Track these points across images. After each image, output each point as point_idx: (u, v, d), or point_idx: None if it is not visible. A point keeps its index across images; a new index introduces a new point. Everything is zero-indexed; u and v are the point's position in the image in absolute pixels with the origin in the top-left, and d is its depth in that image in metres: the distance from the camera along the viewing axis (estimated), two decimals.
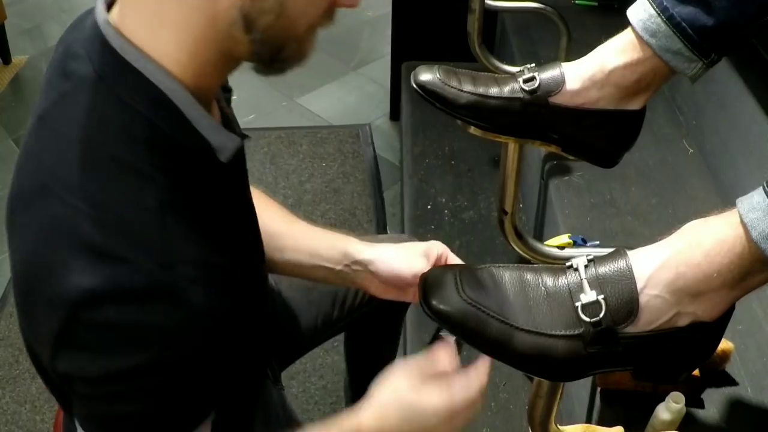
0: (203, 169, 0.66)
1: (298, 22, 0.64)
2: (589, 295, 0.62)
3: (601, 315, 0.61)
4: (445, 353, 0.78)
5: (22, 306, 0.67)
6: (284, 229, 1.01)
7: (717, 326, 0.64)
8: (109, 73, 0.63)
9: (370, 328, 0.92)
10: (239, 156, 0.74)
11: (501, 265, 0.67)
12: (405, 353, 1.54)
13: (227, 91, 0.82)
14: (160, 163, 0.62)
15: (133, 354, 0.60)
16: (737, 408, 0.98)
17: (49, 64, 0.69)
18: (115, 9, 0.65)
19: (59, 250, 0.60)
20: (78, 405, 0.68)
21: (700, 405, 0.98)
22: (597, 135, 0.86)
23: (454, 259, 0.94)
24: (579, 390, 1.17)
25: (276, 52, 0.66)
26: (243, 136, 0.73)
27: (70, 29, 0.69)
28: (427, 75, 0.88)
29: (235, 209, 0.76)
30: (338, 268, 0.97)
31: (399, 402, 0.76)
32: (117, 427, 0.66)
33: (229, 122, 0.75)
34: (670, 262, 0.61)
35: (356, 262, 0.96)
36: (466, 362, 0.74)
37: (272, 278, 1.19)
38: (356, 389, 1.51)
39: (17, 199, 0.65)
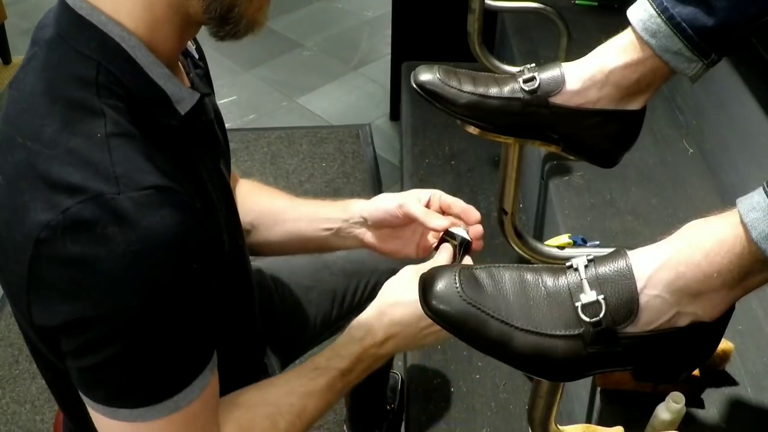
0: (162, 116, 0.69)
1: None
2: (589, 295, 0.62)
3: (601, 315, 0.61)
4: (444, 256, 0.89)
5: (4, 275, 0.67)
6: (285, 204, 1.07)
7: (717, 326, 0.64)
8: (67, 29, 0.67)
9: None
10: (204, 117, 0.78)
11: (501, 265, 0.67)
12: (404, 355, 1.55)
13: (198, 67, 0.84)
14: (110, 102, 0.65)
15: (101, 289, 0.61)
16: (737, 408, 0.99)
17: None
18: None
19: (22, 194, 0.62)
20: (72, 368, 0.68)
21: (700, 405, 0.98)
22: (597, 135, 0.86)
23: (448, 200, 0.99)
24: (579, 390, 1.17)
25: (227, 10, 0.69)
26: (205, 94, 0.75)
27: (47, 11, 0.73)
28: (427, 75, 0.88)
29: (201, 165, 0.77)
30: (337, 226, 1.02)
31: (401, 300, 0.86)
32: (113, 379, 0.66)
33: (203, 98, 0.77)
34: (670, 262, 0.61)
35: (353, 216, 1.01)
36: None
37: (270, 277, 1.20)
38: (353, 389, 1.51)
39: None
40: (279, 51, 3.20)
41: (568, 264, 0.65)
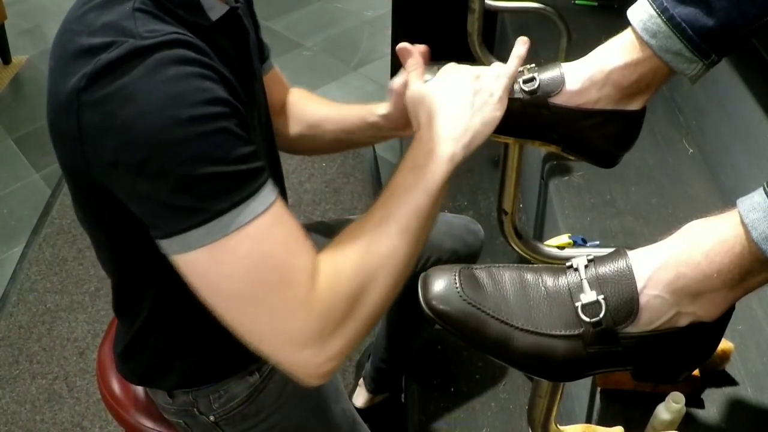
0: (194, 16, 0.79)
1: None
2: (589, 295, 0.62)
3: (601, 315, 0.61)
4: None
5: (61, 143, 0.77)
6: (334, 106, 1.19)
7: (717, 326, 0.64)
8: None
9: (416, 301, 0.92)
10: (238, 31, 0.89)
11: (501, 265, 0.67)
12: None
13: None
14: None
15: (132, 114, 0.69)
16: (737, 408, 0.99)
17: None
18: None
19: (68, 64, 0.73)
20: (136, 209, 0.75)
21: (700, 405, 0.98)
22: (597, 135, 0.86)
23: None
24: (579, 390, 1.17)
25: None
26: (234, 8, 0.86)
27: None
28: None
29: (232, 68, 0.84)
30: (374, 120, 1.09)
31: (423, 106, 0.84)
32: (172, 202, 0.71)
33: (236, 11, 0.87)
34: (670, 262, 0.61)
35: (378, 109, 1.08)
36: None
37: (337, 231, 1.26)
38: (388, 351, 1.55)
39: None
40: (279, 51, 3.20)
41: (568, 264, 0.65)
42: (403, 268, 0.80)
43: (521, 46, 0.88)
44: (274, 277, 0.73)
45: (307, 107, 1.21)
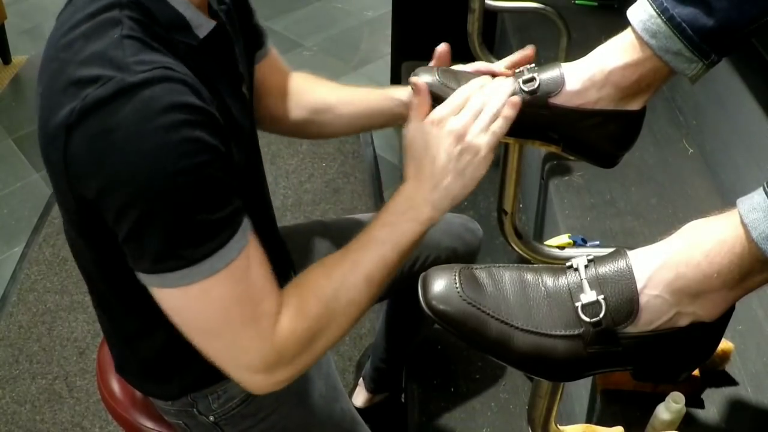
0: (182, 36, 0.79)
1: None
2: (589, 295, 0.62)
3: (601, 315, 0.61)
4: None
5: (50, 168, 0.76)
6: (341, 94, 1.18)
7: (717, 326, 0.64)
8: None
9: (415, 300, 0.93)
10: (225, 44, 0.88)
11: (501, 265, 0.67)
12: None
13: (223, 3, 0.93)
14: (130, 15, 0.75)
15: (117, 155, 0.70)
16: (737, 408, 0.99)
17: None
18: None
19: (56, 95, 0.73)
20: (121, 242, 0.75)
21: (700, 405, 0.98)
22: (597, 135, 0.86)
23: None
24: (579, 390, 1.18)
25: None
26: (222, 24, 0.86)
27: None
28: (426, 76, 0.88)
29: (221, 84, 0.85)
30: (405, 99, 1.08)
31: (410, 157, 0.87)
32: (150, 243, 0.73)
33: (223, 27, 0.87)
34: (670, 262, 0.61)
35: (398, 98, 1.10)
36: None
37: (332, 234, 1.26)
38: (387, 351, 1.56)
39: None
40: (279, 51, 3.19)
41: (568, 264, 0.65)
42: (360, 314, 0.87)
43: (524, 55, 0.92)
44: (241, 317, 0.78)
45: (315, 91, 1.19)
